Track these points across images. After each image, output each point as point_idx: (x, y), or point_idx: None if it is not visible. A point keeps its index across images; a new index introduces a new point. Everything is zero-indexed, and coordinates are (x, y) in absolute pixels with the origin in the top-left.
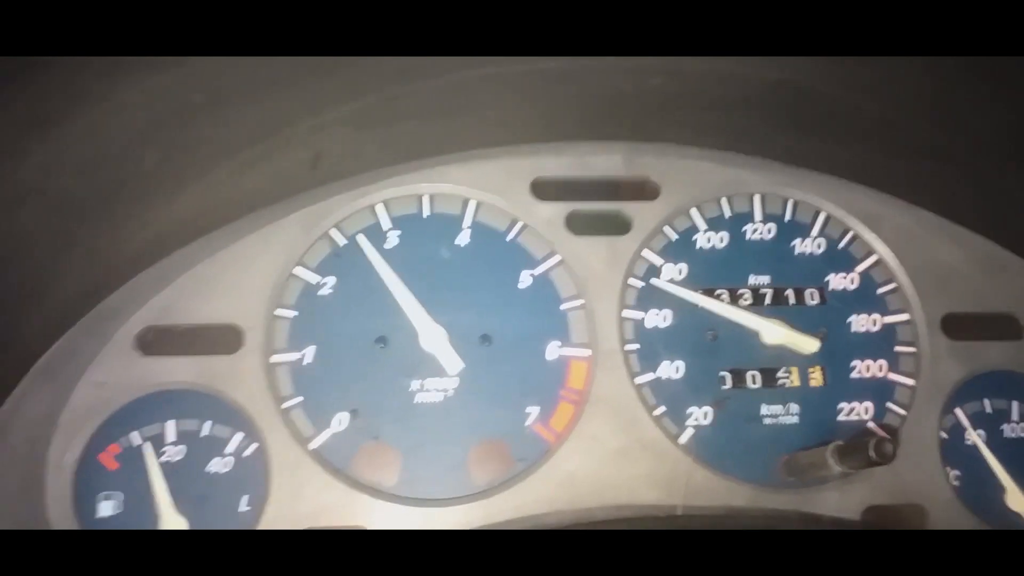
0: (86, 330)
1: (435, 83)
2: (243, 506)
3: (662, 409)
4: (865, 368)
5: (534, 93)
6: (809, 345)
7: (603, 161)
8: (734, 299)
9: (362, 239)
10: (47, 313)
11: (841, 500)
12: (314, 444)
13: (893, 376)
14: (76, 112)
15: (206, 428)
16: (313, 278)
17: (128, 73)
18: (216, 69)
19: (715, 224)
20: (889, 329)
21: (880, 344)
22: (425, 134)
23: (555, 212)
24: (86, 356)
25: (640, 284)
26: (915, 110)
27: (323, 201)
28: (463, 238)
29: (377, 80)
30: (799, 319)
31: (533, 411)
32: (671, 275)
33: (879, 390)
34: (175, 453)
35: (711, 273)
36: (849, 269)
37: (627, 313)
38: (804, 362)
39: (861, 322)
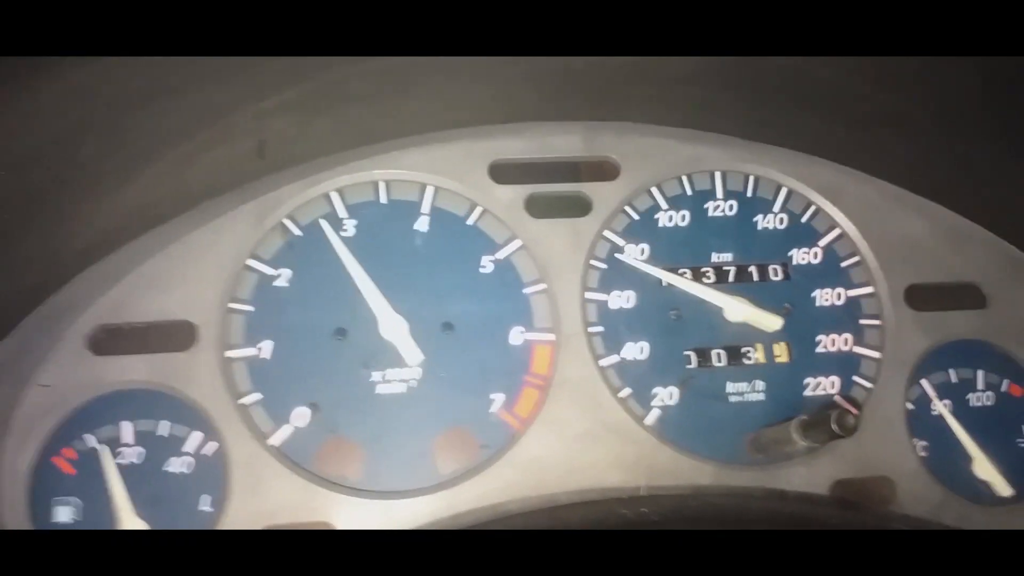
0: (34, 330)
1: (381, 64)
2: (204, 506)
3: (627, 391)
4: (830, 342)
5: (486, 72)
6: (772, 323)
7: (562, 142)
8: (697, 277)
9: (325, 225)
10: None
11: (808, 475)
12: (274, 440)
13: (859, 349)
14: (3, 109)
15: (163, 428)
16: (267, 270)
17: (55, 68)
18: (148, 61)
19: (676, 202)
20: (853, 302)
21: (845, 318)
22: (376, 118)
23: (514, 195)
24: (35, 357)
25: (602, 266)
26: (872, 78)
27: (274, 191)
28: (422, 224)
29: (319, 63)
30: (763, 295)
31: (498, 398)
32: (633, 255)
33: (845, 364)
34: (132, 454)
35: (673, 252)
36: (812, 243)
37: (590, 295)
38: (769, 338)
39: (825, 296)
